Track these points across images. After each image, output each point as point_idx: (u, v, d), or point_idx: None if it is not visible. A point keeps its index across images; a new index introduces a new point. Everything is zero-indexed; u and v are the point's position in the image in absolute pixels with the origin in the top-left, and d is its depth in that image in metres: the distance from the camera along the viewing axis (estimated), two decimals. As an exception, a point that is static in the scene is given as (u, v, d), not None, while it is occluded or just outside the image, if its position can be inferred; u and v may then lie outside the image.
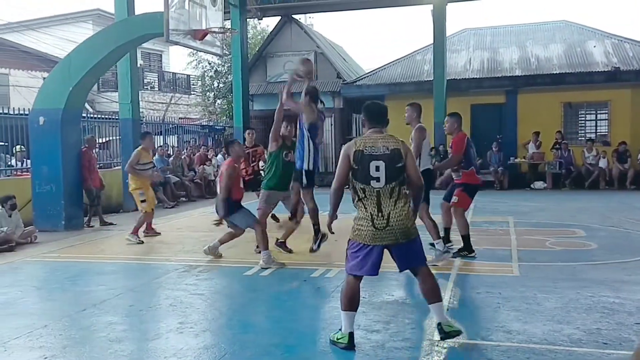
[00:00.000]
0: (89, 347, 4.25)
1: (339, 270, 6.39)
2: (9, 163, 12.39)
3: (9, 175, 11.81)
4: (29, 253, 7.99)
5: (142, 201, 8.78)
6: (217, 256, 7.24)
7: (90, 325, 4.78)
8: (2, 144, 12.76)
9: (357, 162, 3.97)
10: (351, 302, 4.05)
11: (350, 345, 4.01)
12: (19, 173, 11.80)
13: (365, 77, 19.64)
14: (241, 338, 4.41)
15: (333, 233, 4.48)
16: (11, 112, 11.71)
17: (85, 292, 5.93)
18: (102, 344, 4.30)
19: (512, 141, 17.35)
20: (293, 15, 19.76)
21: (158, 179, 10.41)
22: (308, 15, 24.78)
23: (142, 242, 8.56)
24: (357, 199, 4.02)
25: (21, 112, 11.37)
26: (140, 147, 9.12)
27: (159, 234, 9.23)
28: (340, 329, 4.11)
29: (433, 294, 4.06)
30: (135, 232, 8.61)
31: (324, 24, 63.96)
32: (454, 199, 6.98)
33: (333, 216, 4.27)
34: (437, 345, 4.11)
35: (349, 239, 4.08)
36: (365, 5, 18.87)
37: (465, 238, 7.02)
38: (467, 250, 7.02)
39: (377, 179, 3.94)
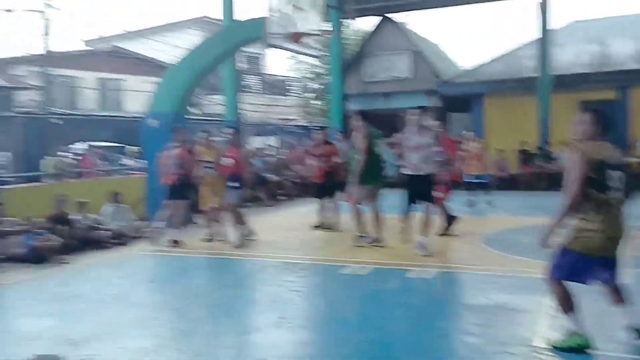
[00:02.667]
0: (196, 338, 4.52)
1: (437, 272, 6.33)
2: (122, 162, 13.37)
3: (124, 175, 12.73)
4: (141, 247, 8.57)
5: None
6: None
7: (196, 318, 5.07)
8: (117, 144, 13.80)
9: (597, 171, 3.80)
10: (571, 304, 3.95)
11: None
12: (133, 172, 12.68)
13: (463, 75, 19.18)
14: (337, 335, 4.50)
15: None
16: (126, 116, 12.62)
17: (191, 285, 6.29)
18: (208, 336, 4.55)
19: (623, 140, 16.23)
20: (389, 15, 19.69)
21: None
22: (404, 14, 24.55)
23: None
24: (587, 208, 3.85)
25: (134, 115, 12.21)
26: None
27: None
28: (571, 336, 3.95)
29: (623, 299, 4.00)
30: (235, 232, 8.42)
31: (420, 22, 63.04)
32: None
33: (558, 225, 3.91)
34: (536, 352, 3.97)
35: (565, 247, 3.91)
36: (463, 1, 18.43)
37: None
38: None
39: (616, 189, 3.82)
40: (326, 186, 9.31)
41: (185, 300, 5.60)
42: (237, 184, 8.23)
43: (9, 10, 19.71)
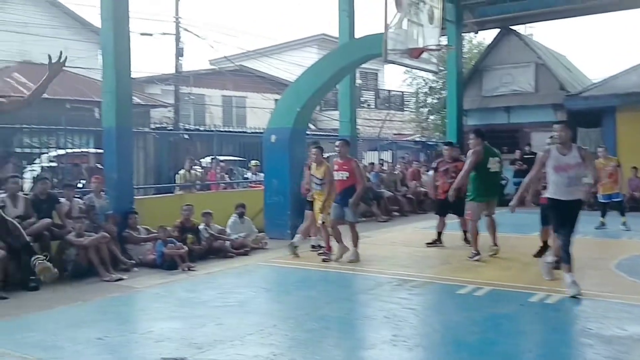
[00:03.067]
0: (311, 349, 4.59)
1: (560, 297, 5.96)
2: (245, 176, 13.98)
3: (245, 187, 13.32)
4: (261, 258, 8.89)
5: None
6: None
7: (312, 329, 5.16)
8: (240, 159, 14.47)
9: None
10: None
11: None
12: (252, 185, 13.23)
13: (592, 88, 17.97)
14: (454, 357, 4.37)
15: None
16: (248, 131, 13.23)
17: (307, 297, 6.41)
18: (322, 347, 4.61)
19: None
20: (512, 27, 19.00)
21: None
22: (528, 25, 23.57)
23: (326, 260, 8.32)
24: None
25: (256, 130, 12.75)
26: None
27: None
28: None
29: None
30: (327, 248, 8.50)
31: (545, 33, 60.19)
32: None
33: None
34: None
35: None
36: (592, 10, 17.34)
37: None
38: None
39: None
40: (450, 203, 8.90)
41: (301, 311, 5.71)
42: (347, 199, 8.02)
43: (148, 34, 21.41)
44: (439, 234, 9.40)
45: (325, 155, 9.05)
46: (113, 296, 6.53)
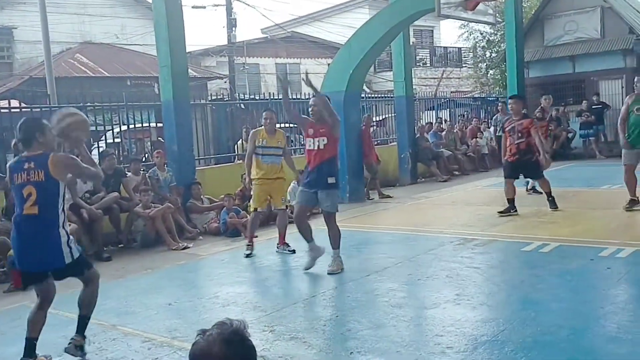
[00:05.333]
0: (373, 310, 4.61)
1: (634, 251, 5.71)
2: (303, 142, 14.02)
3: (303, 153, 13.37)
4: (320, 222, 8.89)
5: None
6: None
7: (373, 290, 5.17)
8: (296, 125, 14.50)
9: None
10: None
11: None
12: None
13: (666, 29, 16.81)
14: (520, 315, 4.28)
15: None
16: (303, 97, 13.19)
17: (367, 259, 6.43)
18: (385, 308, 4.62)
19: None
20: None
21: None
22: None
23: (250, 255, 6.75)
24: None
25: (310, 96, 12.71)
26: (258, 128, 7.13)
27: (294, 251, 6.81)
28: None
29: None
30: (249, 238, 6.98)
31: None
32: None
33: None
34: None
35: None
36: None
37: None
38: None
39: None
40: (520, 165, 8.14)
41: (363, 273, 5.73)
42: (325, 178, 5.82)
43: (200, 7, 21.59)
44: (511, 200, 8.22)
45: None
46: (180, 264, 6.77)
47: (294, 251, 6.76)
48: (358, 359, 3.70)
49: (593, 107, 15.94)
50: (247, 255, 6.77)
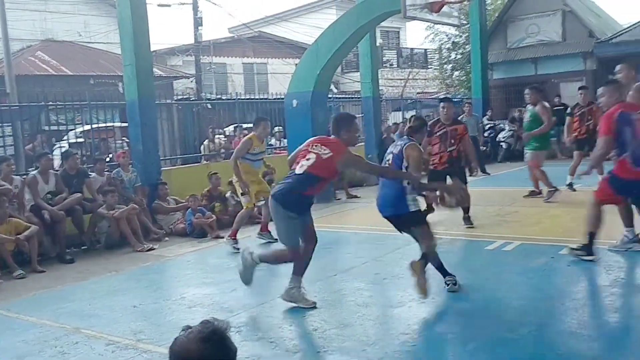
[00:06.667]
0: (339, 310, 4.64)
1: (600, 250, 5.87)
2: (270, 142, 13.98)
3: (269, 154, 13.35)
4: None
5: (242, 194, 7.24)
6: None
7: (340, 289, 5.21)
8: (264, 126, 14.47)
9: None
10: None
11: None
12: (277, 151, 13.24)
13: (623, 33, 17.33)
14: (484, 312, 4.36)
15: None
16: (270, 98, 13.18)
17: (335, 258, 6.46)
18: (351, 308, 4.65)
19: None
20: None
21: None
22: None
23: (238, 250, 6.55)
24: None
25: (278, 96, 12.70)
26: (251, 135, 7.37)
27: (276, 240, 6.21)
28: None
29: None
30: (233, 235, 7.17)
31: (572, -21, 57.73)
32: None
33: None
34: None
35: None
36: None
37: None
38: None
39: None
40: (445, 174, 7.22)
41: (330, 273, 5.76)
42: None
43: (166, 5, 21.32)
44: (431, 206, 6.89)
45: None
46: (146, 265, 6.69)
47: (276, 240, 6.60)
48: (325, 358, 3.72)
49: (555, 108, 16.32)
50: (238, 250, 6.51)
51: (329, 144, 4.62)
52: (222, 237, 7.88)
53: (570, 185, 9.56)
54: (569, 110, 10.49)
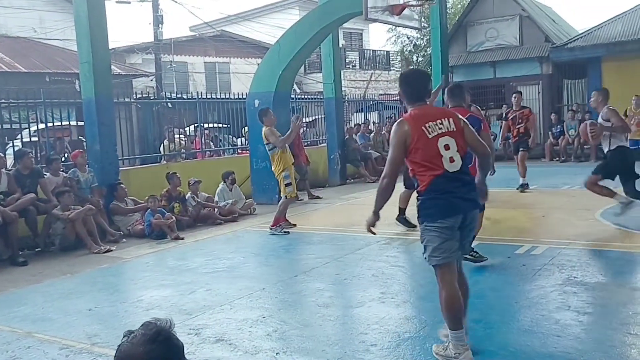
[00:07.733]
0: (300, 310, 4.64)
1: (547, 248, 6.04)
2: (234, 142, 13.90)
3: (232, 154, 13.25)
4: (249, 223, 8.90)
5: (287, 185, 7.76)
6: None
7: (301, 290, 5.20)
8: (225, 126, 14.35)
9: None
10: None
11: None
12: (240, 152, 13.16)
13: (578, 39, 17.85)
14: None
15: None
16: (232, 97, 13.07)
17: (296, 259, 6.46)
18: (312, 308, 4.65)
19: None
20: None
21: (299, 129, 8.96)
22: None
23: (289, 232, 7.80)
24: None
25: (240, 96, 12.61)
26: (268, 127, 7.87)
27: (294, 225, 8.17)
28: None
29: None
30: (276, 223, 7.83)
31: (530, -15, 59.25)
32: None
33: None
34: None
35: None
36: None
37: None
38: None
39: None
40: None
41: (290, 274, 5.75)
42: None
43: (125, 2, 20.90)
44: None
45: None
46: (102, 267, 6.54)
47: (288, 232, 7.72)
48: (284, 359, 3.70)
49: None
50: (287, 232, 7.74)
51: None
52: (182, 238, 7.79)
53: (522, 186, 9.82)
54: (503, 114, 11.31)
